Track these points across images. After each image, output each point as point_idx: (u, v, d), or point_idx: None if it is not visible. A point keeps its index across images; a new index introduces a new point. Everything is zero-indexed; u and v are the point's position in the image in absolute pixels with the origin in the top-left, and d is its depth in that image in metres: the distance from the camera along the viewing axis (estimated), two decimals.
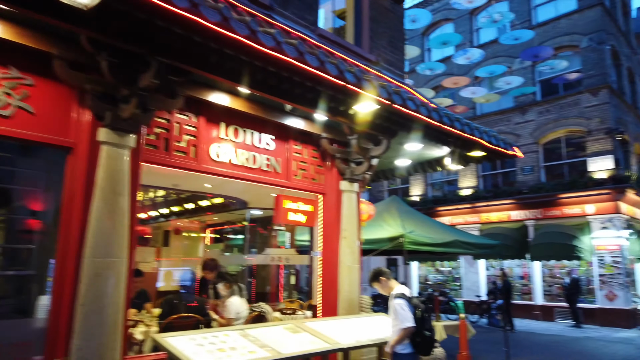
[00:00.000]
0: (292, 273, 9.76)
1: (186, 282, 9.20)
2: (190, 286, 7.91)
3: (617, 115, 16.02)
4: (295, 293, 9.28)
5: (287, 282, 9.84)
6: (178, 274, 9.49)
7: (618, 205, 14.88)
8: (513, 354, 9.55)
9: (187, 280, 9.26)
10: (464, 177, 19.46)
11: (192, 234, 11.11)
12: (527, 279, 17.28)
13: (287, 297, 8.81)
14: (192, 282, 9.01)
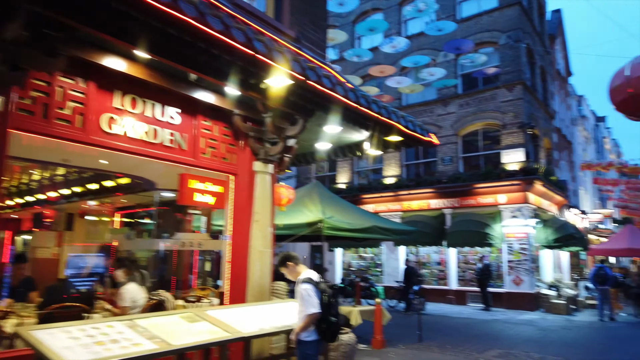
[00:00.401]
0: (207, 259, 9.34)
1: (98, 269, 8.47)
2: (82, 273, 7.23)
3: (529, 110, 17.02)
4: (211, 280, 8.87)
5: (203, 269, 9.40)
6: (85, 261, 8.70)
7: (527, 196, 15.86)
8: (426, 337, 9.82)
9: (99, 267, 8.53)
10: (389, 166, 19.85)
11: (99, 217, 10.28)
12: (444, 265, 18.02)
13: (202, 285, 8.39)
14: (105, 269, 8.30)
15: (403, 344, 9.11)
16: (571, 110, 26.97)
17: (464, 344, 9.24)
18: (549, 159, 20.03)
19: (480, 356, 7.98)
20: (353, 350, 5.97)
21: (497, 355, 8.10)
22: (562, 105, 24.53)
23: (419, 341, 9.33)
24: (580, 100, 30.17)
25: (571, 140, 25.80)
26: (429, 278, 18.36)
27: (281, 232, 8.01)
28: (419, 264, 18.74)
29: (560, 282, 17.63)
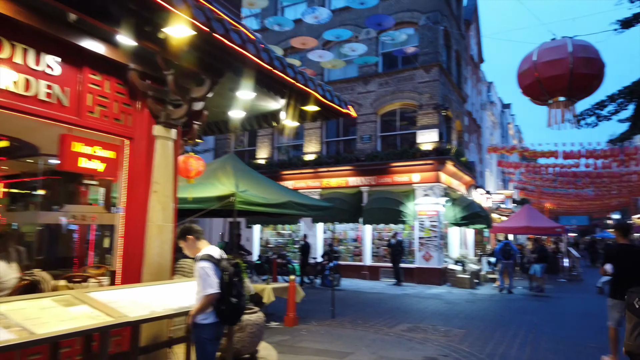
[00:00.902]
0: (106, 235, 8.49)
1: None
2: None
3: (444, 92, 17.56)
4: (110, 257, 8.06)
5: (100, 245, 8.55)
6: None
7: (439, 175, 16.46)
8: (339, 313, 9.81)
9: None
10: (309, 143, 19.63)
11: None
12: (360, 241, 18.32)
13: (99, 263, 7.59)
14: None
15: (316, 320, 9.00)
16: (481, 96, 28.48)
17: (375, 318, 9.35)
18: (460, 141, 20.97)
19: (390, 331, 8.07)
20: (261, 330, 5.66)
21: (406, 329, 8.25)
22: (474, 90, 25.78)
23: (332, 317, 9.29)
24: (489, 87, 31.98)
25: (480, 124, 27.29)
26: (345, 254, 18.60)
27: (189, 206, 7.43)
28: (335, 240, 18.92)
29: (466, 257, 18.71)
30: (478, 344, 7.18)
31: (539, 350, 6.91)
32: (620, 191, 34.46)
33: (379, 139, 18.24)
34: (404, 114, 18.00)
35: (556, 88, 9.62)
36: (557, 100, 10.22)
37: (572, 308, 11.46)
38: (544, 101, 10.57)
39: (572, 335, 8.14)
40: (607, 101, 9.13)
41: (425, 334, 7.80)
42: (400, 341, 7.24)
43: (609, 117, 9.35)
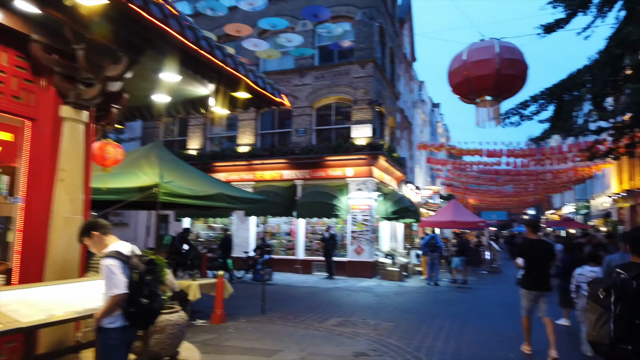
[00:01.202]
0: (9, 228, 7.63)
1: None
2: None
3: (378, 88, 17.79)
4: None
5: (3, 239, 7.67)
6: None
7: (372, 170, 16.66)
8: (270, 308, 9.58)
9: None
10: (243, 134, 19.13)
11: None
12: (293, 235, 18.16)
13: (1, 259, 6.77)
14: None
15: (245, 317, 8.71)
16: (413, 94, 29.32)
17: (306, 313, 9.21)
18: (392, 137, 21.41)
19: (320, 326, 7.97)
20: (182, 331, 5.29)
21: (336, 323, 8.18)
22: (406, 88, 26.45)
23: (262, 313, 9.05)
24: (420, 86, 33.02)
25: (411, 121, 28.08)
26: (278, 248, 18.37)
27: (107, 197, 6.83)
28: (268, 234, 18.63)
29: (395, 251, 19.18)
30: (406, 337, 7.26)
31: (463, 341, 7.09)
32: (536, 188, 37.15)
33: (314, 132, 18.15)
34: (339, 108, 18.03)
35: (483, 87, 9.98)
36: (484, 99, 10.62)
37: (493, 299, 12.03)
38: (472, 100, 10.94)
39: (493, 325, 8.48)
40: (530, 101, 9.59)
41: (355, 328, 7.78)
42: (330, 336, 7.14)
43: (530, 117, 9.82)
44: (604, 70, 8.28)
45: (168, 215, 20.34)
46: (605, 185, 33.61)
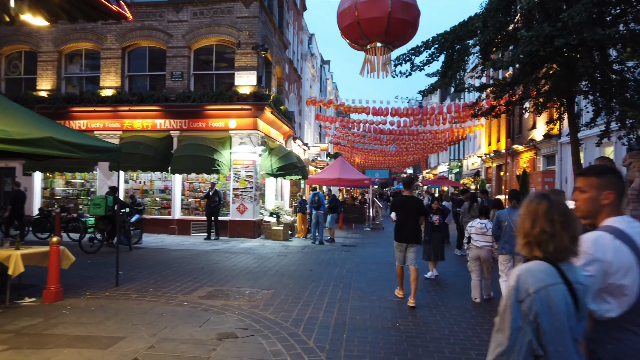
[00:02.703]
0: None
1: None
2: None
3: (264, 32, 16.24)
4: None
5: None
6: None
7: (257, 122, 15.35)
8: (128, 278, 8.12)
9: None
10: (107, 75, 16.41)
11: None
12: (169, 192, 16.35)
13: None
14: None
15: (93, 291, 7.15)
16: (302, 46, 28.09)
17: (172, 283, 7.91)
18: (280, 89, 20.16)
19: (185, 299, 6.74)
20: None
21: (205, 295, 7.02)
22: (295, 38, 25.10)
23: (116, 285, 7.54)
24: (311, 38, 31.84)
25: (301, 75, 26.99)
26: (151, 207, 16.46)
27: None
28: (139, 191, 16.56)
29: (281, 209, 18.37)
30: (284, 307, 6.38)
31: (346, 310, 6.41)
32: (415, 148, 39.01)
33: (192, 77, 16.16)
34: (222, 53, 16.19)
35: (374, 32, 9.17)
36: (375, 46, 9.88)
37: (376, 257, 11.79)
38: (362, 46, 10.11)
39: (376, 288, 8.01)
40: (422, 47, 9.02)
41: (227, 300, 6.70)
42: (195, 313, 5.98)
43: (421, 67, 9.30)
44: (496, 17, 7.90)
45: (14, 168, 17.10)
46: (476, 147, 36.34)
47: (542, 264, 1.79)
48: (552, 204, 1.86)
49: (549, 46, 7.03)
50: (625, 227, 2.00)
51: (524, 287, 1.74)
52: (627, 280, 1.90)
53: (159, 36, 15.99)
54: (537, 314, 1.70)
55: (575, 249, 1.82)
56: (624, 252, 1.93)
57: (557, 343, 1.70)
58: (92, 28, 16.38)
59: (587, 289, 1.85)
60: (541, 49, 7.04)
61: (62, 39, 16.63)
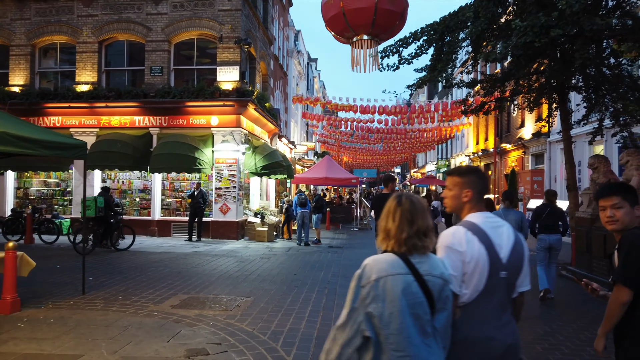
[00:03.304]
0: None
1: None
2: None
3: (247, 26, 15.69)
4: None
5: None
6: None
7: (240, 119, 14.81)
8: (98, 284, 7.56)
9: None
10: (83, 70, 15.71)
11: None
12: (147, 192, 15.72)
13: None
14: None
15: (56, 299, 6.58)
16: (288, 42, 27.56)
17: (145, 289, 7.36)
18: (264, 85, 19.63)
19: (157, 308, 6.21)
20: None
21: (179, 304, 6.49)
22: (281, 33, 24.57)
23: (83, 293, 6.97)
24: (297, 35, 31.32)
25: (287, 72, 26.47)
26: (130, 208, 15.83)
27: None
28: (118, 191, 15.91)
29: (266, 209, 17.83)
30: (263, 317, 5.88)
31: (330, 319, 5.94)
32: (403, 147, 38.73)
33: (173, 72, 15.54)
34: (203, 48, 15.61)
35: (360, 23, 8.70)
36: (361, 38, 9.41)
37: (363, 259, 11.21)
38: (347, 39, 9.65)
39: None
40: (411, 38, 8.58)
41: (202, 310, 6.18)
42: (164, 325, 5.45)
43: (409, 60, 8.86)
44: (488, 7, 7.50)
45: None
46: (464, 145, 36.19)
47: (389, 256, 1.96)
48: (400, 203, 2.02)
49: (544, 37, 6.65)
50: (480, 221, 2.18)
51: (367, 275, 1.93)
52: (477, 269, 2.07)
53: (138, 29, 15.34)
54: (374, 299, 1.86)
55: (421, 243, 1.95)
56: (475, 243, 2.09)
57: (392, 327, 1.82)
58: (67, 21, 15.68)
59: (446, 280, 1.95)
60: (536, 40, 6.65)
61: (36, 32, 15.89)
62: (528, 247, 2.30)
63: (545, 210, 7.36)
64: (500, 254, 2.12)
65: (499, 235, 2.16)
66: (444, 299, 1.93)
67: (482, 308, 2.10)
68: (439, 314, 1.92)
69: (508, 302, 2.17)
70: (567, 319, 6.20)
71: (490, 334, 2.08)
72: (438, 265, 1.98)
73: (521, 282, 2.20)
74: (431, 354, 1.88)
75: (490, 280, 2.08)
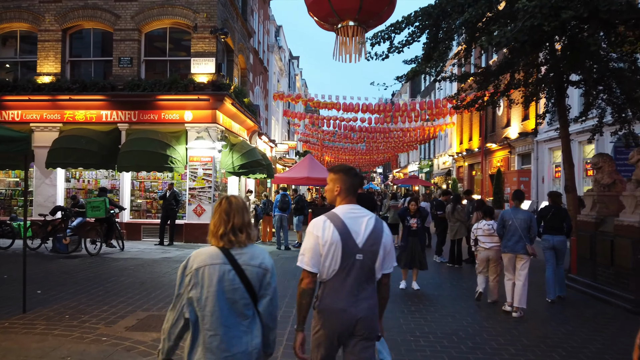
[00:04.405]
0: None
1: None
2: None
3: (224, 16, 14.71)
4: None
5: None
6: None
7: (216, 115, 13.84)
8: (45, 299, 6.54)
9: None
10: (45, 60, 14.51)
11: None
12: (116, 192, 14.60)
13: None
14: None
15: None
16: (269, 37, 26.60)
17: (98, 305, 6.38)
18: (243, 80, 18.66)
19: (108, 331, 5.24)
20: None
21: (134, 324, 5.52)
22: (261, 27, 23.60)
23: (23, 311, 5.95)
24: (278, 30, 30.36)
25: (267, 67, 25.51)
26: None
27: None
28: (83, 191, 14.75)
29: None
30: None
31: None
32: (386, 147, 38.10)
33: (143, 64, 14.48)
34: (177, 37, 14.59)
35: (346, 7, 7.82)
36: (347, 24, 8.58)
37: None
38: (332, 26, 8.80)
39: None
40: (404, 23, 7.77)
41: None
42: (112, 355, 4.50)
43: (400, 48, 8.06)
44: None
45: None
46: (447, 145, 35.72)
47: (211, 249, 2.22)
48: (220, 204, 2.28)
49: (554, 20, 5.91)
50: (341, 212, 2.54)
51: (190, 265, 2.20)
52: (331, 251, 2.43)
53: (105, 17, 14.22)
54: (194, 286, 2.13)
55: (235, 238, 2.20)
56: (331, 230, 2.46)
57: (207, 310, 2.10)
58: (28, 7, 14.45)
59: (266, 269, 2.21)
60: (545, 23, 5.92)
61: None
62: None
63: (550, 211, 7.59)
64: (357, 239, 2.44)
65: (358, 224, 2.48)
66: (265, 286, 2.21)
67: (338, 284, 2.43)
68: (262, 299, 2.20)
69: (365, 282, 2.46)
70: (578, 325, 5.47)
71: (343, 307, 2.42)
72: (258, 256, 2.22)
73: (380, 265, 2.51)
74: (246, 334, 2.15)
75: (345, 261, 2.42)
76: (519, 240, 6.44)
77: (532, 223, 6.53)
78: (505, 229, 6.60)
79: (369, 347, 2.48)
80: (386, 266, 2.53)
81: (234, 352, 2.09)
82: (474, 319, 6.19)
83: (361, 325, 2.42)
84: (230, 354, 2.09)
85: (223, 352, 2.08)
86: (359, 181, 2.69)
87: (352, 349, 2.45)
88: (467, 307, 6.86)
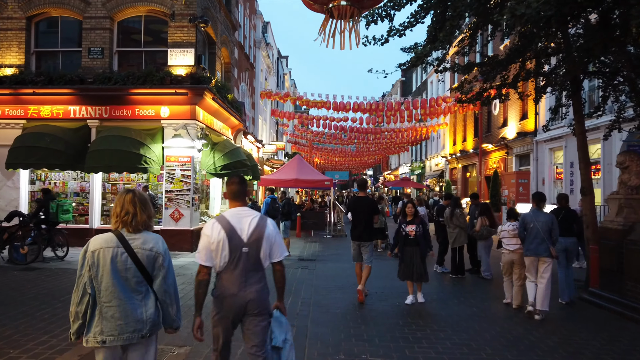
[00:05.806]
0: None
1: None
2: None
3: (205, 4, 13.57)
4: None
5: None
6: None
7: (195, 111, 12.67)
8: None
9: None
10: (7, 50, 13.23)
11: None
12: (85, 195, 13.36)
13: None
14: None
15: None
16: (256, 32, 25.47)
17: (38, 333, 5.22)
18: (227, 75, 17.51)
19: None
20: None
21: (88, 353, 4.39)
22: (247, 21, 22.47)
23: None
24: (266, 26, 29.25)
25: (254, 64, 24.38)
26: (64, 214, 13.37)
27: None
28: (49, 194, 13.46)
29: None
30: None
31: None
32: (376, 148, 37.12)
33: (116, 55, 13.26)
34: (153, 27, 13.39)
35: None
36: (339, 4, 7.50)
37: (340, 277, 9.47)
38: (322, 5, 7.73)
39: (343, 335, 5.65)
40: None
41: None
42: None
43: (401, 31, 7.03)
44: None
45: None
46: (440, 147, 34.85)
47: (108, 234, 2.59)
48: (121, 196, 2.67)
49: None
50: (228, 214, 3.03)
51: (89, 249, 2.54)
52: (219, 247, 2.92)
53: (74, 3, 12.99)
54: (92, 265, 2.51)
55: (124, 226, 2.62)
56: (218, 229, 2.95)
57: (102, 285, 2.50)
58: None
59: (157, 253, 2.62)
60: None
61: None
62: None
63: (560, 213, 7.58)
64: (242, 235, 2.96)
65: (242, 223, 2.99)
66: (158, 267, 2.62)
67: (230, 273, 2.94)
68: (156, 279, 2.62)
69: (253, 270, 2.99)
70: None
71: (234, 292, 2.94)
72: (150, 242, 2.63)
73: (266, 255, 3.03)
74: (140, 307, 2.56)
75: (233, 254, 2.94)
76: (541, 242, 6.46)
77: (554, 225, 6.52)
78: (527, 232, 6.58)
79: (261, 322, 2.99)
80: (274, 255, 3.06)
81: (127, 321, 2.49)
82: (494, 349, 5.13)
83: (251, 305, 2.95)
84: (123, 323, 2.49)
85: (117, 320, 2.48)
86: (245, 188, 3.13)
87: (247, 325, 2.99)
88: (482, 332, 5.80)
